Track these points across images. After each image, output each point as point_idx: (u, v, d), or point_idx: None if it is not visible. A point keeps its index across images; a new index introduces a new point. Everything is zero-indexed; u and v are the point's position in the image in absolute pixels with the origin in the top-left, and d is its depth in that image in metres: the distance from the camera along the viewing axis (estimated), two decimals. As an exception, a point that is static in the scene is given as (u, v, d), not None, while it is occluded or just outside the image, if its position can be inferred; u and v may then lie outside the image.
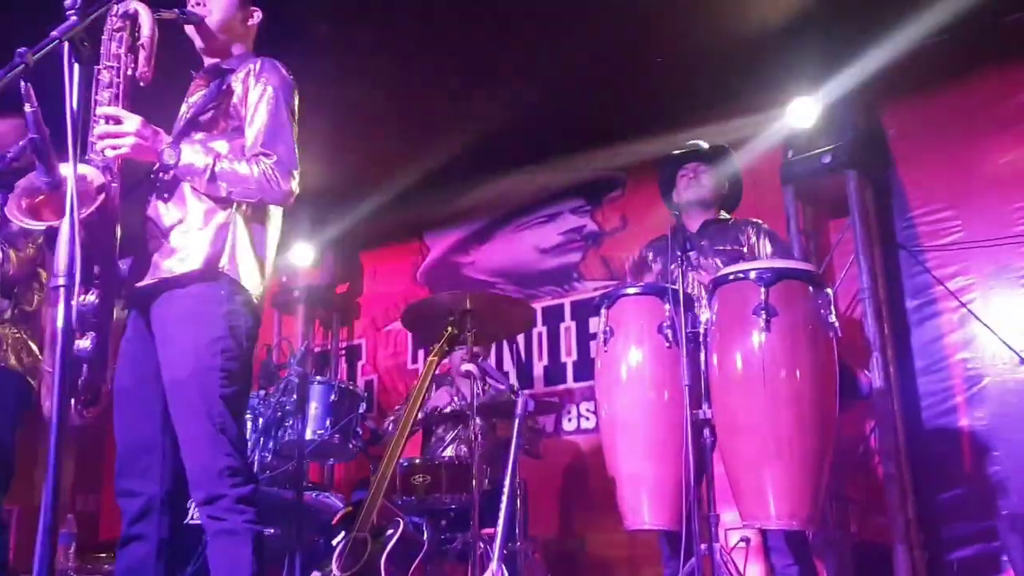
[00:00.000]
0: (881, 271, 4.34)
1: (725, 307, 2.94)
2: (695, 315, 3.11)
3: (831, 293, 2.92)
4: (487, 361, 4.41)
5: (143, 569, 2.28)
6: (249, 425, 3.83)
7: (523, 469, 3.97)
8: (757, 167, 4.35)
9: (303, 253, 6.12)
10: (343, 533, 2.80)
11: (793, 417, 2.73)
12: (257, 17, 2.69)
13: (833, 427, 2.83)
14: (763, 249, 3.50)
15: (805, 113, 4.40)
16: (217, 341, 2.26)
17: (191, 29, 2.57)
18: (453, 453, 4.23)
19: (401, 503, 3.66)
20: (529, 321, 3.73)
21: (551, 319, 5.56)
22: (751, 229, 3.56)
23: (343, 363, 6.49)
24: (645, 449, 3.01)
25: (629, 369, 3.09)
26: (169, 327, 2.29)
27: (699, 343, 3.01)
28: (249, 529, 2.19)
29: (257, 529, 2.22)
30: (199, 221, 2.35)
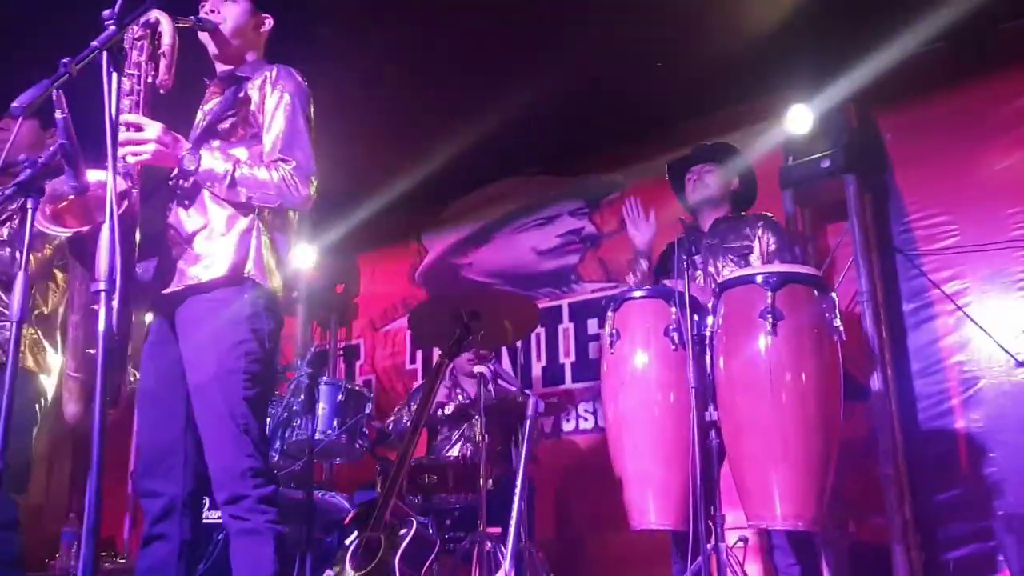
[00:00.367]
0: (879, 275, 4.40)
1: (731, 310, 2.98)
2: (700, 318, 3.16)
3: (836, 297, 2.97)
4: (499, 363, 4.45)
5: (165, 569, 2.32)
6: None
7: (526, 470, 4.02)
8: (758, 172, 4.39)
9: (304, 255, 6.14)
10: (356, 532, 2.83)
11: (799, 419, 2.78)
12: (269, 24, 2.73)
13: (838, 429, 2.88)
14: (766, 244, 3.54)
15: (803, 118, 4.44)
16: (241, 344, 2.30)
17: (205, 36, 2.60)
18: (459, 452, 4.26)
19: (407, 502, 3.69)
20: (535, 320, 3.76)
21: (549, 320, 5.59)
22: (761, 223, 3.61)
23: (341, 363, 6.51)
24: (652, 450, 3.06)
25: (635, 371, 3.14)
26: (194, 331, 2.33)
27: (704, 346, 3.06)
28: (271, 529, 2.23)
29: (279, 529, 2.25)
30: (222, 227, 2.39)
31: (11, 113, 3.19)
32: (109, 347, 1.51)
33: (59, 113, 1.92)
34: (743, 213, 3.79)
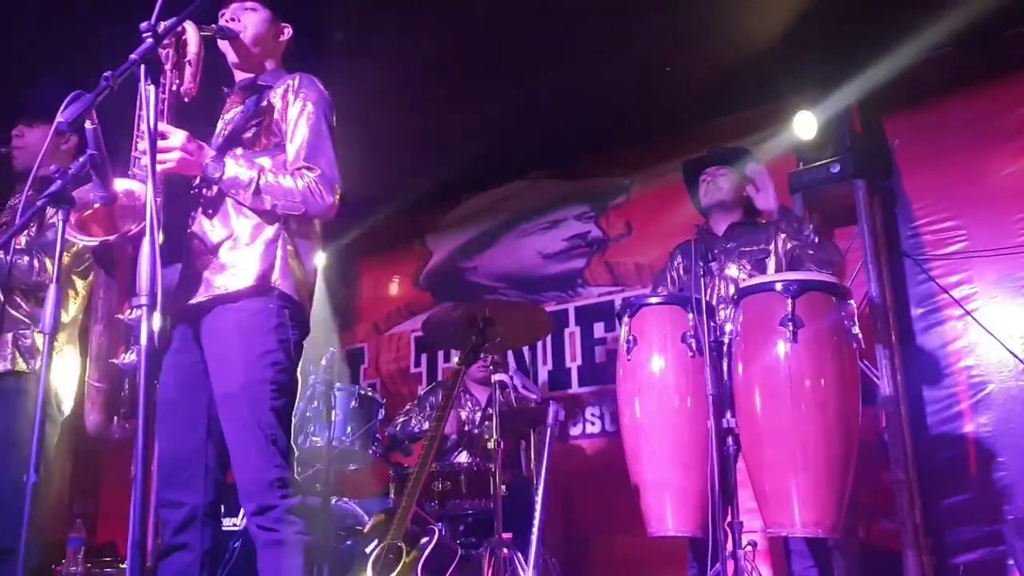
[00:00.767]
0: (888, 279, 4.41)
1: (750, 317, 2.99)
2: (716, 324, 3.16)
3: (854, 304, 2.98)
4: (519, 371, 4.45)
5: (187, 579, 2.31)
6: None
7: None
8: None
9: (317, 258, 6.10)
10: (376, 540, 2.82)
11: (819, 426, 2.79)
12: (288, 33, 2.72)
13: (856, 436, 2.89)
14: (782, 244, 3.52)
15: (811, 123, 4.45)
16: (268, 354, 2.29)
17: (225, 44, 2.59)
18: (467, 458, 4.26)
19: (423, 509, 3.68)
20: (547, 328, 3.76)
21: (556, 324, 5.57)
22: (781, 227, 3.56)
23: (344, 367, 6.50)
24: (669, 457, 3.06)
25: (652, 377, 3.14)
26: (221, 341, 2.32)
27: (721, 352, 3.07)
28: (300, 539, 2.22)
29: (307, 539, 2.25)
30: (247, 237, 2.38)
31: (26, 121, 3.20)
32: (151, 361, 1.50)
33: (89, 124, 1.92)
34: (757, 219, 3.79)
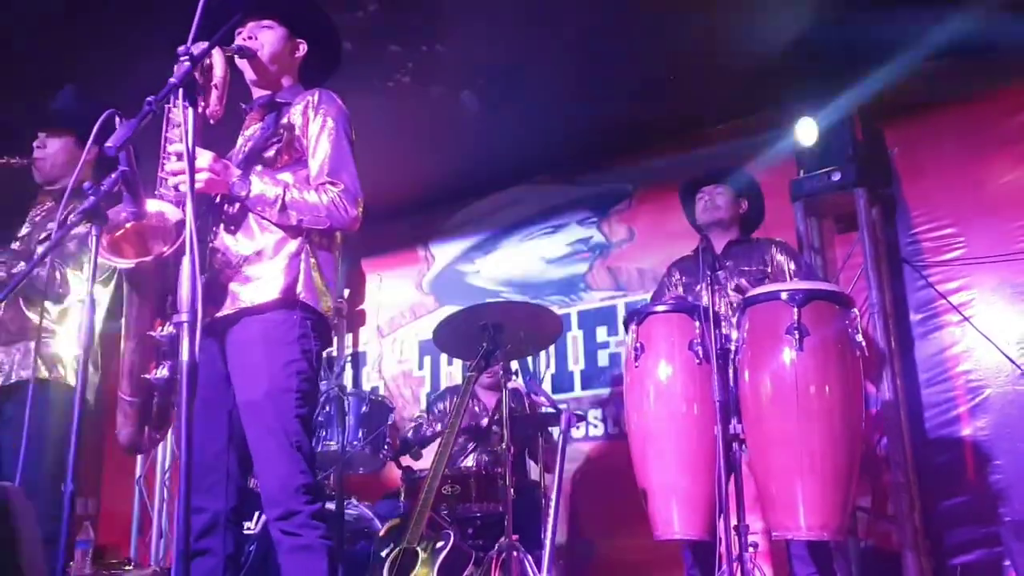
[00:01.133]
0: (888, 286, 4.48)
1: (756, 326, 3.06)
2: (722, 332, 3.23)
3: (857, 313, 3.05)
4: (532, 379, 4.50)
5: (210, 583, 2.36)
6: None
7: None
8: (765, 184, 4.47)
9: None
10: (392, 544, 2.88)
11: (824, 432, 2.86)
12: (303, 49, 2.74)
13: (860, 441, 2.97)
14: (787, 268, 3.63)
15: (810, 131, 4.51)
16: (292, 363, 2.35)
17: (243, 63, 2.62)
18: (474, 462, 4.32)
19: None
20: (558, 333, 3.82)
21: (558, 328, 5.65)
22: (774, 249, 3.70)
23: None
24: (676, 462, 3.13)
25: (660, 384, 3.21)
26: (246, 351, 2.37)
27: (728, 360, 3.13)
28: (324, 544, 2.28)
29: (330, 543, 2.30)
30: (271, 250, 2.43)
31: (47, 131, 3.25)
32: (192, 378, 1.56)
33: (121, 142, 1.97)
34: (752, 236, 3.86)
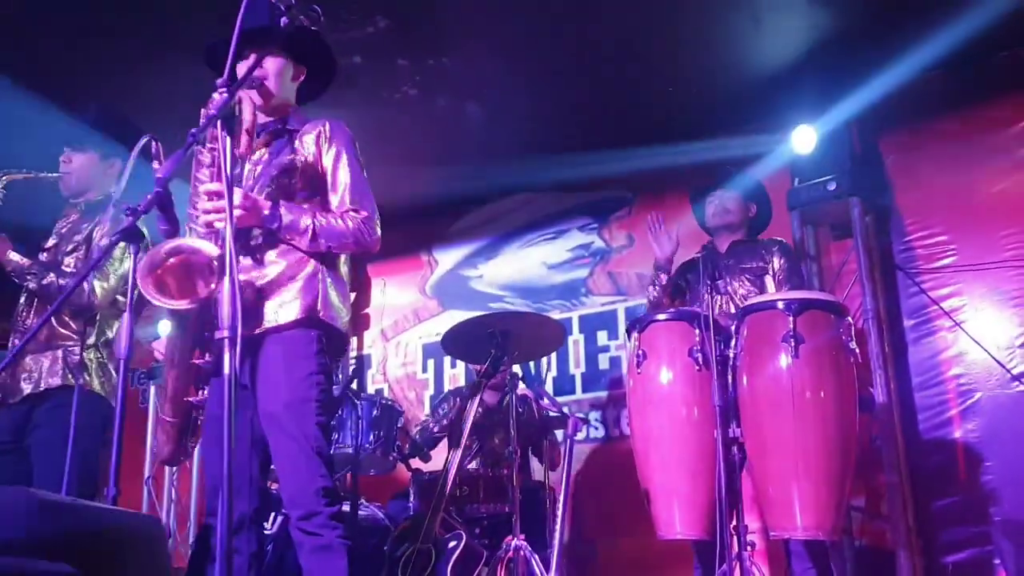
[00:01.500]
0: (881, 292, 4.61)
1: (754, 334, 3.17)
2: (723, 339, 3.34)
3: (851, 321, 3.18)
4: (541, 386, 4.61)
5: (239, 580, 2.49)
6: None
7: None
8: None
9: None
10: (406, 544, 3.00)
11: (820, 437, 2.98)
12: (302, 76, 2.82)
13: (855, 445, 3.08)
14: (779, 266, 3.75)
15: (810, 138, 4.62)
16: (312, 376, 2.50)
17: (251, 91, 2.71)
18: (478, 464, 4.44)
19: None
20: (561, 341, 3.95)
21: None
22: (775, 248, 3.84)
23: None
24: (677, 465, 3.24)
25: (661, 390, 3.32)
26: (271, 366, 2.51)
27: (727, 366, 3.25)
28: (343, 544, 2.41)
29: (349, 543, 2.43)
30: (290, 273, 2.56)
31: (73, 147, 3.37)
32: (233, 391, 1.69)
33: (156, 164, 2.10)
34: (757, 237, 3.99)
